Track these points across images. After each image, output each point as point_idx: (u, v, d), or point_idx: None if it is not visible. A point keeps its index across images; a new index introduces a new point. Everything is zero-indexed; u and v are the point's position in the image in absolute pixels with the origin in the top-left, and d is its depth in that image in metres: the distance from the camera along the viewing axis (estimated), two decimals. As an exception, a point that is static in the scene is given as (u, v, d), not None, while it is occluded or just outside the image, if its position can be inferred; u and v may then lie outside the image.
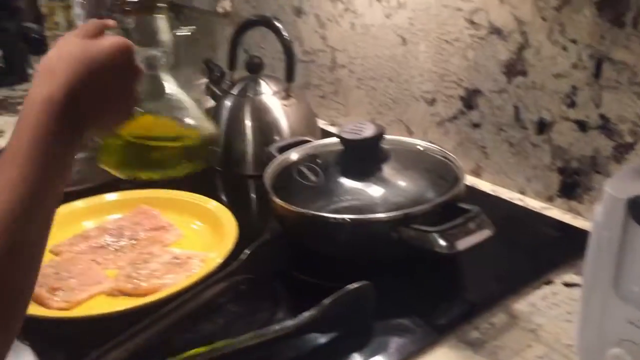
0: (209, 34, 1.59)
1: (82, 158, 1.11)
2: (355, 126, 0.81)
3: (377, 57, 1.12)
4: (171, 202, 0.89)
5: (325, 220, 0.73)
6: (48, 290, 0.71)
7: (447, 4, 0.96)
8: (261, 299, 0.73)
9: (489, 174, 0.99)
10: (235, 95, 1.07)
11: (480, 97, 0.96)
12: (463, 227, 0.68)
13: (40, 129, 0.49)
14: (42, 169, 0.48)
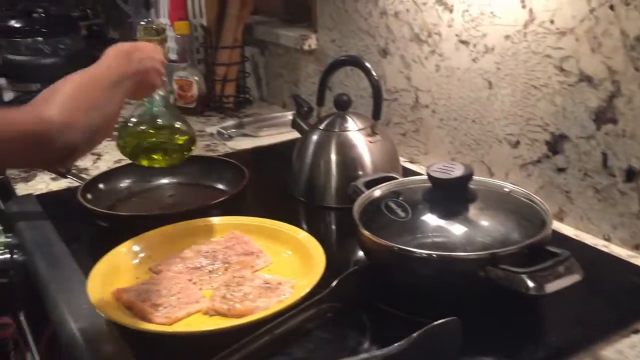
0: (293, 70, 1.66)
1: (177, 184, 1.18)
2: (445, 166, 0.84)
3: (461, 99, 1.15)
4: (262, 230, 0.94)
5: (412, 254, 0.76)
6: (151, 305, 0.77)
7: (537, 51, 0.98)
8: (348, 328, 0.76)
9: (572, 219, 0.99)
10: (322, 130, 1.11)
11: (566, 142, 0.97)
12: (552, 270, 0.69)
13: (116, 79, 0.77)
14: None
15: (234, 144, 1.45)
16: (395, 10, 1.25)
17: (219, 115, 1.69)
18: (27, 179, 1.27)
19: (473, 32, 1.09)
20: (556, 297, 0.75)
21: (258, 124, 1.55)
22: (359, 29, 1.37)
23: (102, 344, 0.74)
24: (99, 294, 0.78)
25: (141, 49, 0.85)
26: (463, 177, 0.82)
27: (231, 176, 1.16)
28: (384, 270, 0.82)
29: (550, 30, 0.95)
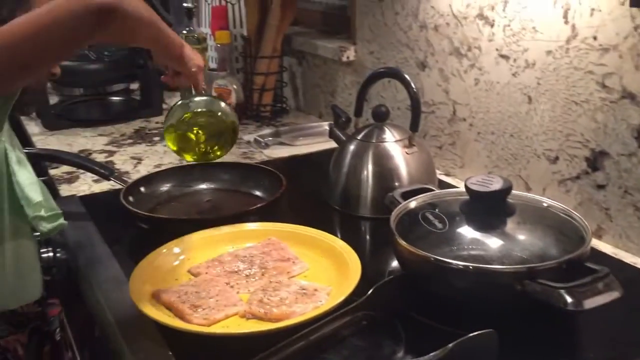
0: (330, 80, 1.68)
1: (215, 189, 1.21)
2: (483, 179, 0.84)
3: (499, 113, 1.15)
4: (298, 237, 0.95)
5: (448, 266, 0.76)
6: (190, 306, 0.79)
7: (579, 67, 0.98)
8: (382, 336, 0.77)
9: (611, 237, 0.98)
10: (359, 140, 1.13)
11: (607, 159, 0.96)
12: (591, 286, 0.69)
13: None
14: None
15: (270, 152, 1.47)
16: (435, 24, 1.26)
17: (255, 123, 1.71)
18: (71, 180, 1.31)
19: (514, 47, 1.09)
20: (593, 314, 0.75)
21: (294, 133, 1.57)
22: (398, 41, 1.38)
23: (141, 341, 0.76)
24: (140, 293, 0.81)
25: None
26: (502, 190, 0.82)
27: (268, 183, 1.17)
28: (420, 281, 0.82)
29: (593, 46, 0.95)
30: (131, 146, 1.53)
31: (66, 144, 1.56)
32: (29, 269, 0.89)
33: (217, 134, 1.21)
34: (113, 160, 1.44)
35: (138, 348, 0.75)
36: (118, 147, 1.53)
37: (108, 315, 0.82)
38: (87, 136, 1.62)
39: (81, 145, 1.55)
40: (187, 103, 1.20)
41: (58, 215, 0.87)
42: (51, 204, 0.87)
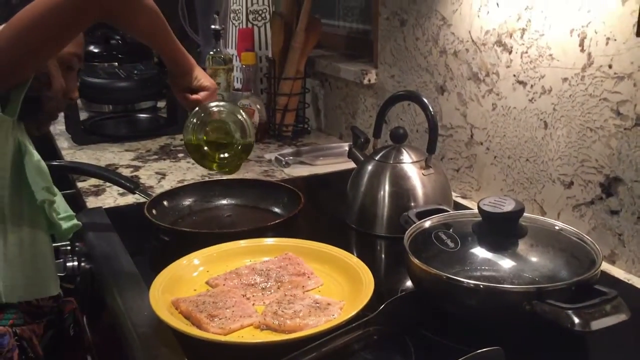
0: (351, 103, 1.71)
1: (235, 205, 1.24)
2: (496, 200, 0.86)
3: (516, 138, 1.17)
4: (314, 253, 0.98)
5: (460, 284, 0.78)
6: (207, 316, 0.81)
7: (594, 94, 1.00)
8: (392, 351, 0.79)
9: (624, 262, 0.99)
10: (377, 161, 1.15)
11: (621, 185, 0.98)
12: (599, 308, 0.70)
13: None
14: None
15: (290, 171, 1.50)
16: (455, 50, 1.29)
17: (277, 143, 1.75)
18: (97, 193, 1.36)
19: (531, 74, 1.11)
20: (602, 338, 0.76)
21: (315, 153, 1.60)
22: (418, 66, 1.41)
23: (159, 348, 0.79)
24: (159, 301, 0.83)
25: None
26: (514, 212, 0.84)
27: (287, 201, 1.20)
28: (431, 298, 0.84)
29: (608, 74, 0.97)
30: (156, 162, 1.58)
31: (94, 158, 1.61)
32: (45, 263, 0.94)
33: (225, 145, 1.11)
34: (138, 174, 1.48)
35: (155, 354, 0.78)
36: (144, 162, 1.58)
37: (127, 322, 0.85)
38: (114, 151, 1.67)
39: (108, 160, 1.60)
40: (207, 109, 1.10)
41: (71, 217, 0.91)
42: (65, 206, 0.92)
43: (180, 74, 1.00)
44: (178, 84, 1.03)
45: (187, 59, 1.00)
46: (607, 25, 0.96)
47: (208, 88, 1.03)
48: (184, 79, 1.01)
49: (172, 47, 0.96)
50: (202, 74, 1.03)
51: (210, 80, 1.04)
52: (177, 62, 0.99)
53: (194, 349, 0.78)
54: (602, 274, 0.84)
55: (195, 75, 1.02)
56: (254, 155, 1.64)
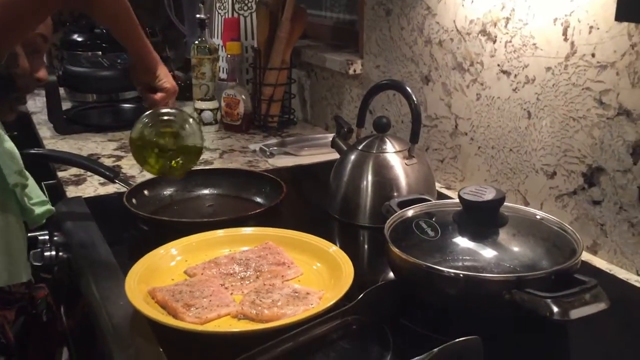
0: (337, 93, 1.70)
1: (217, 195, 1.22)
2: (477, 189, 0.85)
3: (499, 128, 1.16)
4: (295, 242, 0.97)
5: (439, 273, 0.77)
6: (183, 305, 0.80)
7: (577, 83, 0.99)
8: (370, 341, 0.78)
9: (606, 252, 0.99)
10: (360, 150, 1.14)
11: (603, 175, 0.97)
12: (578, 297, 0.69)
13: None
14: None
15: (274, 161, 1.49)
16: (440, 39, 1.28)
17: (262, 133, 1.74)
18: (78, 183, 1.34)
19: (515, 63, 1.11)
20: (583, 328, 0.76)
21: (300, 144, 1.59)
22: (403, 56, 1.40)
23: (134, 338, 0.78)
24: (135, 291, 0.82)
25: None
26: (494, 200, 0.83)
27: (269, 190, 1.19)
28: (411, 288, 0.83)
29: (591, 63, 0.96)
30: (139, 152, 1.56)
31: (76, 147, 1.59)
32: (17, 249, 0.92)
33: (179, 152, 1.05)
34: (120, 164, 1.46)
35: (129, 344, 0.77)
36: (126, 152, 1.56)
37: (103, 312, 0.84)
38: (96, 141, 1.65)
39: (90, 150, 1.58)
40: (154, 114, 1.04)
41: (44, 202, 0.90)
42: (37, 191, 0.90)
43: (143, 70, 0.97)
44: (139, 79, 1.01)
45: (152, 55, 0.96)
46: (590, 13, 0.95)
47: (167, 90, 1.00)
48: (146, 76, 0.98)
49: (137, 40, 0.93)
50: (165, 73, 1.00)
51: (171, 82, 1.00)
52: (141, 56, 0.96)
53: (169, 338, 0.76)
54: (583, 264, 0.84)
55: (158, 74, 0.98)
56: (238, 145, 1.63)
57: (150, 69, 0.96)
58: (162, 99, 0.99)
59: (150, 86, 0.99)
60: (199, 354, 0.75)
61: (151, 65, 0.96)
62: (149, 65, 0.96)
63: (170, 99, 1.00)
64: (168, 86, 0.99)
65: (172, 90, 1.00)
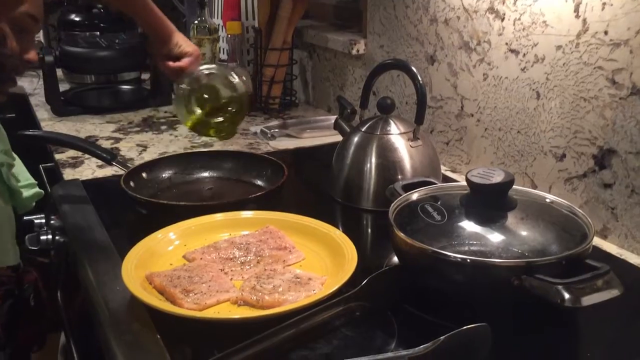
0: (340, 74, 1.66)
1: (217, 178, 1.20)
2: (485, 171, 0.82)
3: (507, 109, 1.13)
4: (297, 226, 0.94)
5: (445, 258, 0.74)
6: (182, 291, 0.78)
7: (588, 62, 0.95)
8: (374, 328, 0.75)
9: (617, 237, 0.96)
10: (363, 132, 1.11)
11: (614, 157, 0.94)
12: (590, 283, 0.67)
13: None
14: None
15: (276, 144, 1.46)
16: (446, 18, 1.24)
17: (264, 115, 1.70)
18: (75, 165, 1.31)
19: (524, 41, 1.07)
20: (594, 314, 0.73)
21: (302, 126, 1.56)
22: (408, 35, 1.36)
23: (131, 324, 0.75)
24: (132, 276, 0.80)
25: None
26: (503, 183, 0.80)
27: (270, 173, 1.16)
28: (416, 273, 0.81)
29: (604, 41, 0.93)
30: (138, 134, 1.53)
31: (74, 129, 1.56)
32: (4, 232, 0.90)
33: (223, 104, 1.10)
34: (119, 147, 1.44)
35: (126, 330, 0.74)
36: (125, 134, 1.53)
37: (99, 297, 0.81)
38: (95, 123, 1.62)
39: (88, 132, 1.55)
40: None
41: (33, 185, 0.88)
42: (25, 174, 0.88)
43: (160, 41, 0.97)
44: (159, 52, 1.00)
45: (166, 24, 0.96)
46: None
47: (190, 54, 1.00)
48: (165, 47, 0.98)
49: (149, 12, 0.93)
50: (183, 39, 1.01)
51: (192, 46, 1.01)
52: (155, 28, 0.95)
53: (167, 325, 0.74)
54: (593, 249, 0.81)
55: (175, 42, 0.98)
56: (239, 127, 1.60)
57: (167, 39, 0.95)
58: (188, 64, 0.99)
59: (172, 56, 0.98)
60: (197, 341, 0.73)
61: (167, 35, 0.95)
62: (165, 35, 0.95)
63: (196, 63, 1.00)
64: (190, 50, 0.99)
65: (195, 53, 1.00)
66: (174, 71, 1.01)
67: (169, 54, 1.00)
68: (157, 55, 1.01)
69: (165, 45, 0.98)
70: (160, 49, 0.99)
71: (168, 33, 0.97)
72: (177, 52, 0.99)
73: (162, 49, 0.99)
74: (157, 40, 0.97)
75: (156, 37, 0.96)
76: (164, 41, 0.97)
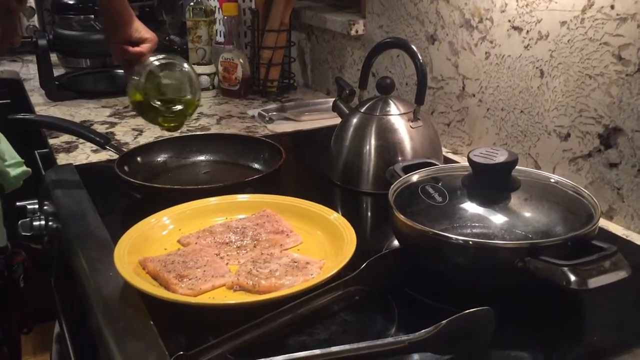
0: (339, 56, 1.63)
1: (213, 161, 1.17)
2: (488, 151, 0.80)
3: (510, 88, 1.10)
4: (294, 209, 0.92)
5: (447, 241, 0.72)
6: (176, 276, 0.75)
7: (594, 38, 0.93)
8: (374, 312, 0.73)
9: (623, 218, 0.94)
10: (362, 113, 1.08)
11: (620, 135, 0.91)
12: (597, 265, 0.65)
13: None
14: None
15: (274, 127, 1.44)
16: (446, -5, 1.21)
17: (262, 99, 1.68)
18: (69, 150, 1.29)
19: (527, 18, 1.04)
20: (600, 296, 0.71)
21: (300, 109, 1.53)
22: (408, 14, 1.33)
23: (123, 310, 0.73)
24: (125, 262, 0.78)
25: None
26: (506, 163, 0.78)
27: (268, 156, 1.14)
28: (417, 256, 0.78)
29: (610, 16, 0.90)
30: (133, 118, 1.50)
31: (68, 114, 1.53)
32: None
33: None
34: (114, 131, 1.41)
35: (118, 316, 0.72)
36: (120, 118, 1.50)
37: (91, 283, 0.79)
38: (90, 107, 1.59)
39: (83, 117, 1.52)
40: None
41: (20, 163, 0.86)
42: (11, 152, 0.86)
43: (120, 24, 0.96)
44: (116, 36, 0.99)
45: (128, 9, 0.95)
46: (610, -39, 0.89)
47: (149, 40, 0.99)
48: (124, 31, 0.97)
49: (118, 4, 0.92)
50: (141, 25, 1.00)
51: (150, 32, 1.01)
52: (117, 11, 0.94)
53: (161, 311, 0.72)
54: (599, 230, 0.79)
55: (135, 27, 0.97)
56: (237, 111, 1.57)
57: (127, 22, 0.94)
58: (149, 49, 0.97)
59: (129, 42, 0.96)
60: (192, 327, 0.71)
61: (127, 18, 0.94)
62: (125, 19, 0.94)
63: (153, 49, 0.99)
64: (149, 35, 0.97)
65: (154, 39, 0.99)
66: (133, 56, 1.00)
67: (128, 39, 0.99)
68: (115, 40, 1.00)
69: (125, 29, 0.97)
70: (119, 33, 0.98)
71: (128, 16, 0.96)
72: (136, 37, 0.98)
73: (121, 33, 0.98)
74: (118, 24, 0.96)
75: (117, 21, 0.95)
76: (124, 24, 0.96)
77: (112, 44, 1.00)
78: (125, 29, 0.96)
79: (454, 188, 0.82)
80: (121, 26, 0.95)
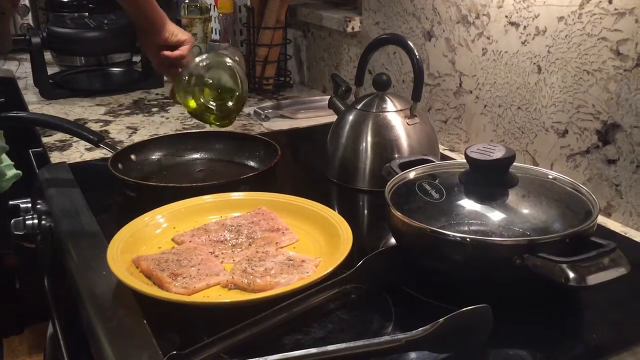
0: (335, 53, 1.62)
1: (208, 159, 1.16)
2: (485, 147, 0.79)
3: (507, 85, 1.09)
4: (290, 207, 0.91)
5: (444, 238, 0.71)
6: (169, 275, 0.74)
7: (592, 33, 0.92)
8: (370, 311, 0.72)
9: (621, 214, 0.93)
10: (358, 110, 1.07)
11: (619, 131, 0.91)
12: (596, 262, 0.64)
13: None
14: None
15: (270, 125, 1.43)
16: (443, -9, 1.20)
17: (257, 97, 1.66)
18: (63, 148, 1.28)
19: (524, 13, 1.03)
20: (598, 293, 0.71)
21: (296, 107, 1.52)
22: (404, 10, 1.32)
23: (116, 310, 0.72)
24: (118, 260, 0.77)
25: None
26: (504, 159, 0.77)
27: (263, 154, 1.13)
28: (414, 254, 0.78)
29: (608, 10, 0.89)
30: (128, 116, 1.49)
31: (62, 113, 1.52)
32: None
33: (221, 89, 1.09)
34: (108, 129, 1.40)
35: (111, 316, 0.71)
36: (115, 116, 1.49)
37: (84, 282, 0.78)
38: (84, 106, 1.58)
39: (77, 115, 1.51)
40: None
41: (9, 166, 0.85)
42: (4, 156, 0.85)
43: (154, 30, 0.92)
44: (152, 42, 0.95)
45: (160, 13, 0.92)
46: (608, -45, 0.88)
47: (187, 42, 0.96)
48: (159, 36, 0.93)
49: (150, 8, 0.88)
50: (176, 27, 0.97)
51: (186, 33, 0.98)
52: (150, 17, 0.90)
53: (154, 310, 0.71)
54: (598, 227, 0.78)
55: (171, 30, 0.94)
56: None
57: (160, 27, 0.91)
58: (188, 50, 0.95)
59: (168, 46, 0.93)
60: (186, 326, 0.70)
61: (160, 23, 0.90)
62: (159, 24, 0.90)
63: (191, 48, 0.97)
64: (185, 38, 0.95)
65: (190, 39, 0.96)
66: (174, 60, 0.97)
67: (165, 44, 0.95)
68: (149, 45, 0.97)
69: (160, 35, 0.93)
70: (155, 39, 0.94)
71: (161, 21, 0.92)
72: (172, 41, 0.95)
73: (157, 39, 0.94)
74: (151, 30, 0.92)
75: (150, 27, 0.91)
76: (158, 30, 0.92)
77: (149, 50, 0.97)
78: (161, 34, 0.92)
79: (451, 185, 0.82)
80: (155, 32, 0.91)
